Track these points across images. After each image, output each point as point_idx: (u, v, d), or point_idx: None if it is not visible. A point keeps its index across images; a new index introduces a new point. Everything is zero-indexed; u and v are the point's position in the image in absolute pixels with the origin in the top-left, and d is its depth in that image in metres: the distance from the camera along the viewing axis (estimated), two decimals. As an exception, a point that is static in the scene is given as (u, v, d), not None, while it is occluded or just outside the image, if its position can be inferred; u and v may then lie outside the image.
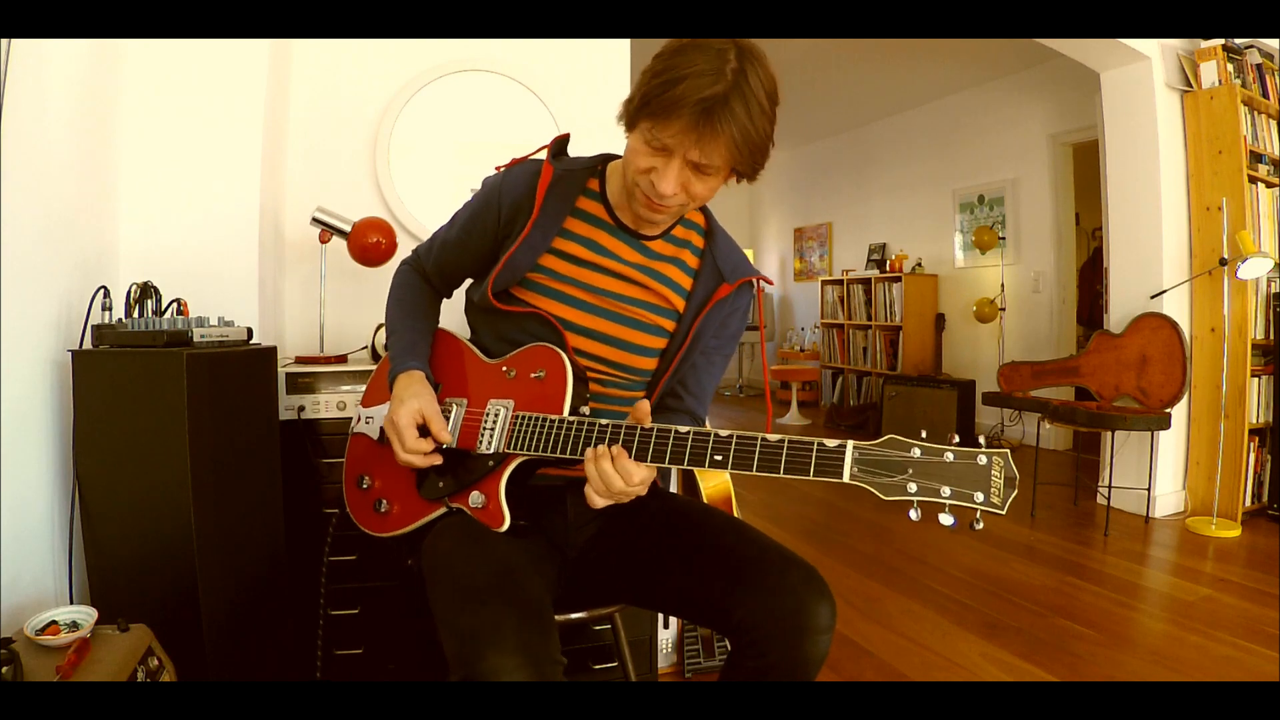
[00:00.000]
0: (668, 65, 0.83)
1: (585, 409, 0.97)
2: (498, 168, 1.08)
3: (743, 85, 0.82)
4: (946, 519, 0.74)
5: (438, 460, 1.00)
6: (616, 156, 1.06)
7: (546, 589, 0.95)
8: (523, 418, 0.96)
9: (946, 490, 0.73)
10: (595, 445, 0.88)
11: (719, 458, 0.81)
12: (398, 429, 0.98)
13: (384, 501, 1.07)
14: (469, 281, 1.14)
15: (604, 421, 0.89)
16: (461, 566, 0.88)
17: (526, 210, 1.01)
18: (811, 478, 0.77)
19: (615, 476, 0.85)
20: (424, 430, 0.99)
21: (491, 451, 0.97)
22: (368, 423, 1.15)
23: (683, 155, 0.86)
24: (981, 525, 0.73)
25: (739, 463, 0.80)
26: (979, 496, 0.73)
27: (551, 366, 0.98)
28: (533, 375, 0.99)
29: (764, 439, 0.80)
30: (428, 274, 1.16)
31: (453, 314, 1.21)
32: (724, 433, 0.82)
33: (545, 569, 1.00)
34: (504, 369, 1.02)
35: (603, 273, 1.03)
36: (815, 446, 0.77)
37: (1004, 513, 0.72)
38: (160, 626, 1.09)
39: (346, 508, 1.12)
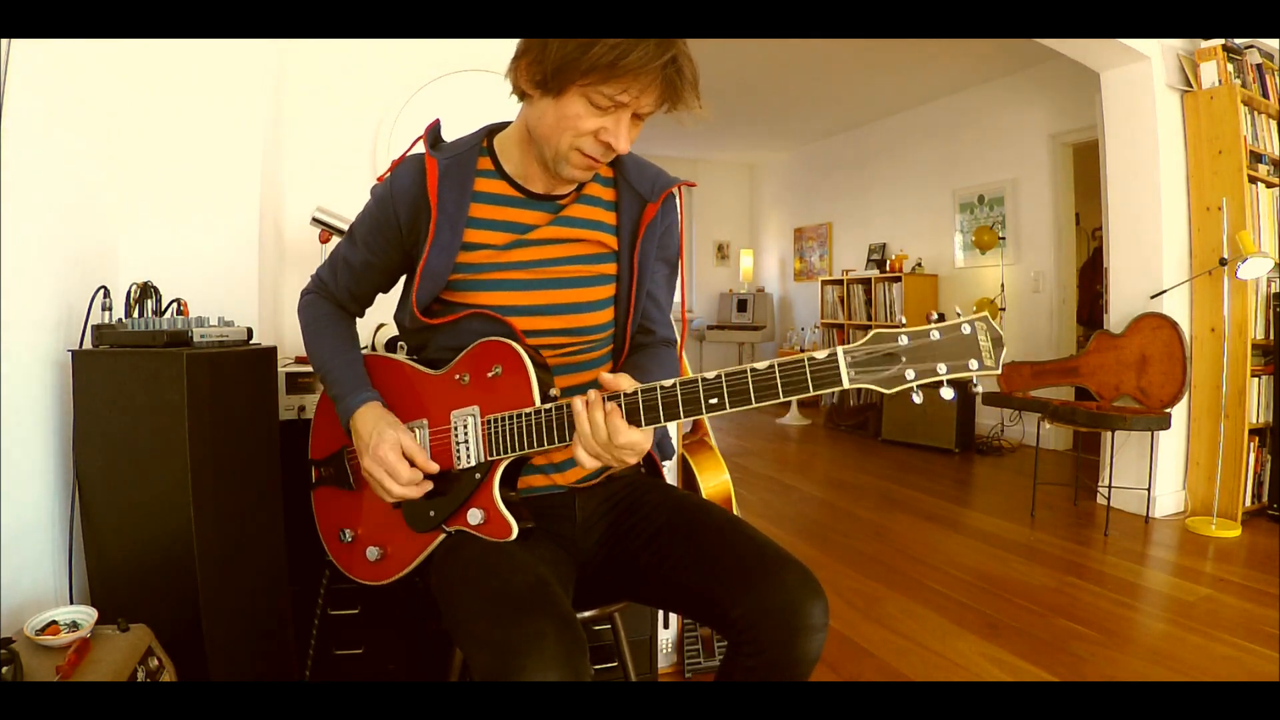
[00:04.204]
0: (592, 38, 0.82)
1: (554, 391, 0.94)
2: (380, 178, 1.01)
3: (678, 40, 0.85)
4: (947, 392, 0.76)
5: (430, 486, 0.96)
6: (499, 127, 1.03)
7: (570, 600, 0.94)
8: (495, 420, 0.92)
9: (943, 367, 0.75)
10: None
11: (714, 400, 0.80)
12: (387, 465, 0.93)
13: (375, 548, 1.02)
14: (386, 302, 1.09)
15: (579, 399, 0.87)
16: (490, 579, 0.86)
17: (425, 212, 0.96)
18: (813, 393, 0.77)
19: (602, 427, 0.83)
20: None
21: (474, 464, 0.93)
22: (326, 473, 1.10)
23: (634, 109, 0.87)
24: (980, 388, 0.77)
25: (736, 399, 0.79)
26: (974, 364, 0.75)
27: (505, 359, 0.93)
28: (489, 375, 0.94)
29: (753, 369, 0.78)
30: (338, 300, 1.10)
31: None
32: (710, 375, 0.80)
33: (567, 580, 0.99)
34: (456, 377, 0.97)
35: (526, 246, 0.99)
36: (806, 361, 0.77)
37: (999, 371, 0.76)
38: (160, 626, 1.09)
39: (336, 565, 1.08)
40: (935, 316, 0.78)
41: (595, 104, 0.86)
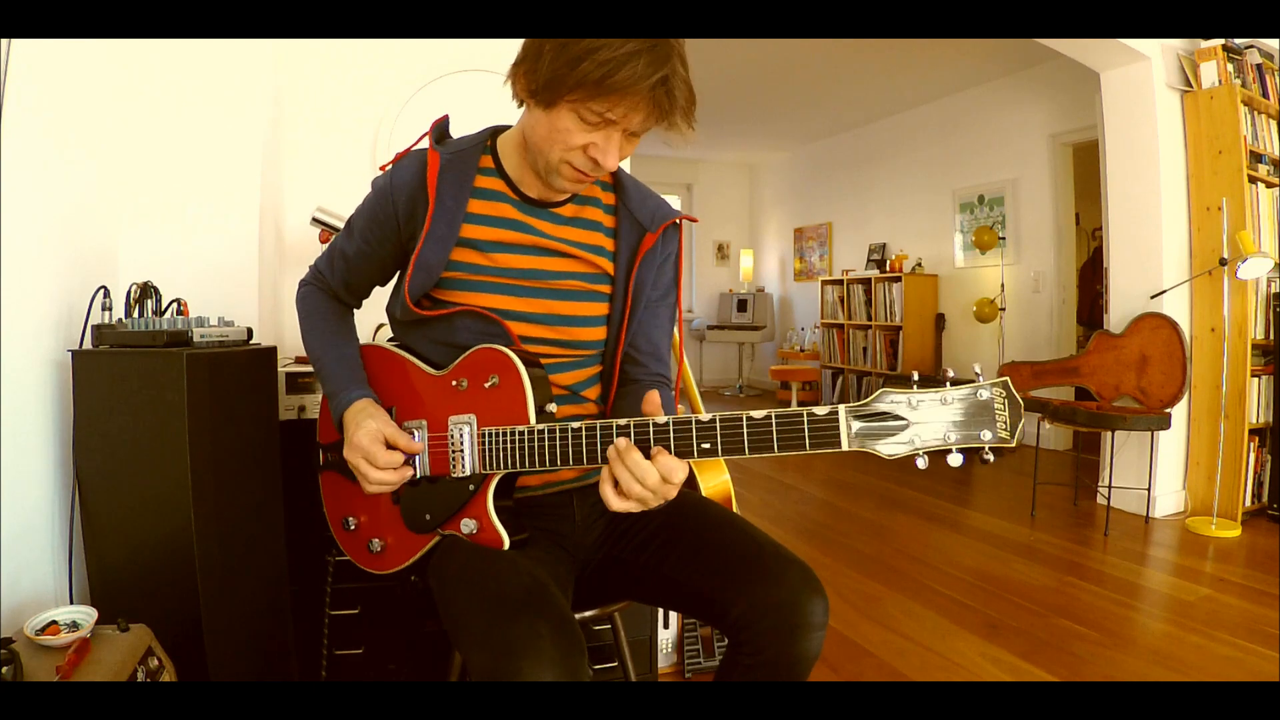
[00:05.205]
0: (590, 47, 0.80)
1: (551, 406, 0.93)
2: (383, 167, 1.03)
3: (677, 50, 0.84)
4: (955, 459, 0.71)
5: (409, 472, 0.96)
6: (503, 128, 1.04)
7: (568, 601, 0.94)
8: (490, 434, 0.91)
9: (953, 436, 0.69)
10: (574, 448, 0.85)
11: (706, 445, 0.78)
12: (362, 449, 0.93)
13: (375, 540, 1.02)
14: (386, 297, 1.09)
15: (575, 425, 0.85)
16: (487, 580, 0.86)
17: (422, 203, 0.96)
18: (809, 451, 0.72)
19: (652, 471, 0.79)
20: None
21: (469, 474, 0.93)
22: (333, 458, 1.09)
23: (624, 127, 0.87)
24: (991, 458, 0.68)
25: (729, 447, 0.76)
26: (986, 435, 0.68)
27: (503, 370, 0.92)
28: (486, 385, 0.93)
29: (749, 417, 0.76)
30: (334, 291, 1.10)
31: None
32: (705, 417, 0.78)
33: (565, 581, 0.99)
34: (454, 382, 0.96)
35: (522, 252, 0.99)
36: (805, 417, 0.72)
37: (1014, 444, 0.68)
38: (160, 626, 1.09)
39: (341, 548, 1.09)
40: (950, 373, 0.71)
41: (584, 120, 0.86)
